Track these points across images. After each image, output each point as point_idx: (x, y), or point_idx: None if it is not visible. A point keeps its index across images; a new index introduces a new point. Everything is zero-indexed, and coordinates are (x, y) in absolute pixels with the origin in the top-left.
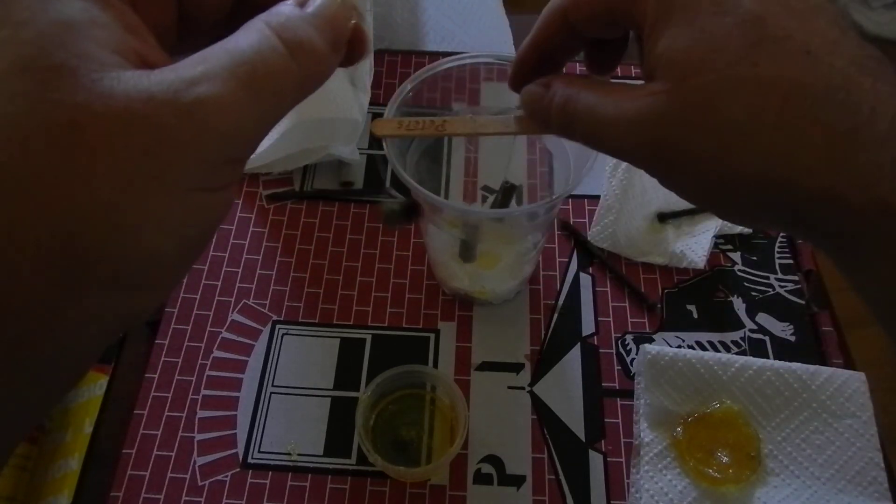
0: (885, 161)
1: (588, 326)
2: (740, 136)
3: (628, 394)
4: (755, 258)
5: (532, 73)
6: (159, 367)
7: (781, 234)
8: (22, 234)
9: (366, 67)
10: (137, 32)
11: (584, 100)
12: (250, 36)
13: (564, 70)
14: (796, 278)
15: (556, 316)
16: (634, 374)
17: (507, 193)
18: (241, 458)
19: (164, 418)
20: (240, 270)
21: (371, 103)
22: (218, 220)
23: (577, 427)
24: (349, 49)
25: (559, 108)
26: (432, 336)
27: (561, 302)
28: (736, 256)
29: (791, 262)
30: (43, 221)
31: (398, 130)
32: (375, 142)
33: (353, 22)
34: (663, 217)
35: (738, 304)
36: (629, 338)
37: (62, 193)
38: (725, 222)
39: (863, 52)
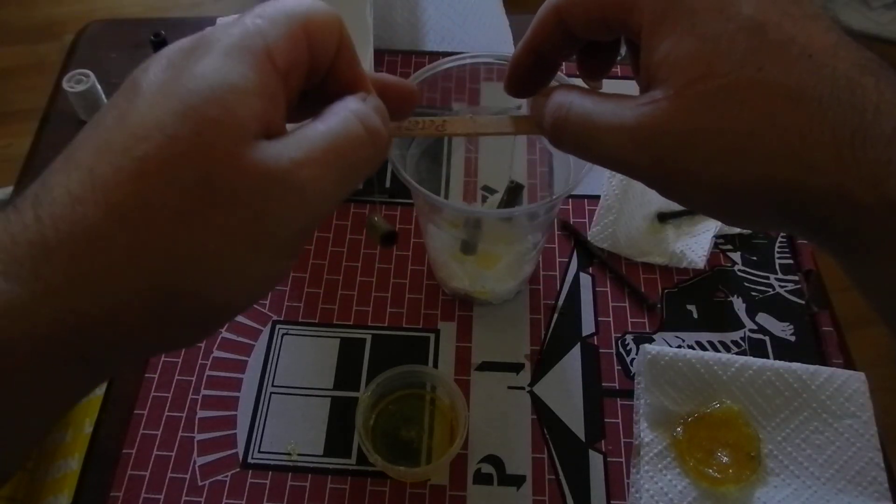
0: (893, 159)
1: (588, 326)
2: (749, 140)
3: (628, 394)
4: (755, 258)
5: (527, 75)
6: (159, 367)
7: (781, 235)
8: (142, 264)
9: (366, 68)
10: (275, 100)
11: (578, 106)
12: (339, 121)
13: (562, 70)
14: (796, 278)
15: (556, 316)
16: (634, 374)
17: (513, 193)
18: (241, 458)
19: (164, 418)
20: None
21: None
22: (280, 281)
23: (577, 427)
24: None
25: (550, 114)
26: (432, 336)
27: (561, 302)
28: (736, 256)
29: (791, 262)
30: (162, 257)
31: (398, 131)
32: None
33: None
34: (663, 217)
35: (738, 304)
36: (629, 338)
37: (182, 236)
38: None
39: (863, 55)
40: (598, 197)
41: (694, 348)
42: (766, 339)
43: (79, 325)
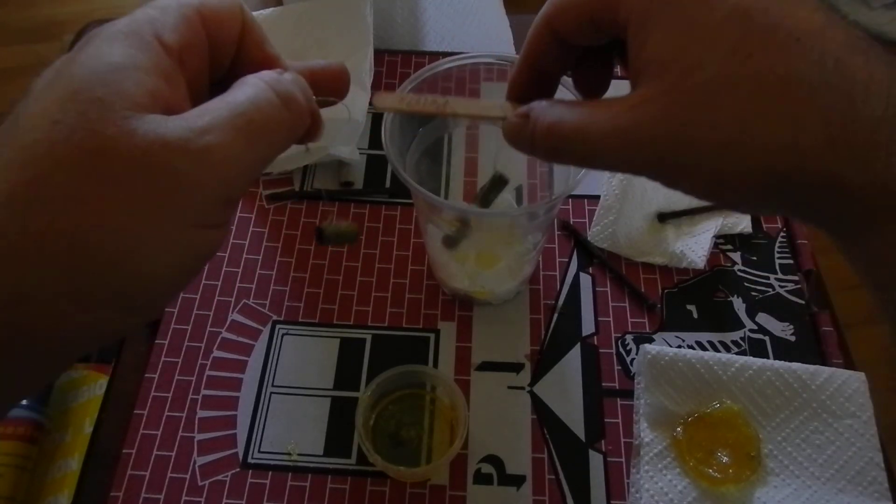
0: (883, 141)
1: (588, 326)
2: (742, 133)
3: (628, 394)
4: (755, 258)
5: (527, 91)
6: (159, 367)
7: (781, 235)
8: (44, 246)
9: (366, 67)
10: (171, 80)
11: (569, 122)
12: (247, 90)
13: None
14: (796, 278)
15: (556, 316)
16: (634, 374)
17: (495, 184)
18: (241, 458)
19: (164, 418)
20: (240, 270)
21: (371, 103)
22: (211, 253)
23: (577, 427)
24: (310, 124)
25: (544, 136)
26: (432, 336)
27: (561, 302)
28: (736, 256)
29: (791, 262)
30: (63, 236)
31: (399, 104)
32: (375, 142)
33: (313, 100)
34: (663, 217)
35: (738, 304)
36: (629, 338)
37: (83, 211)
38: (726, 222)
39: (851, 34)
40: (598, 197)
41: (694, 348)
42: (766, 339)
43: None
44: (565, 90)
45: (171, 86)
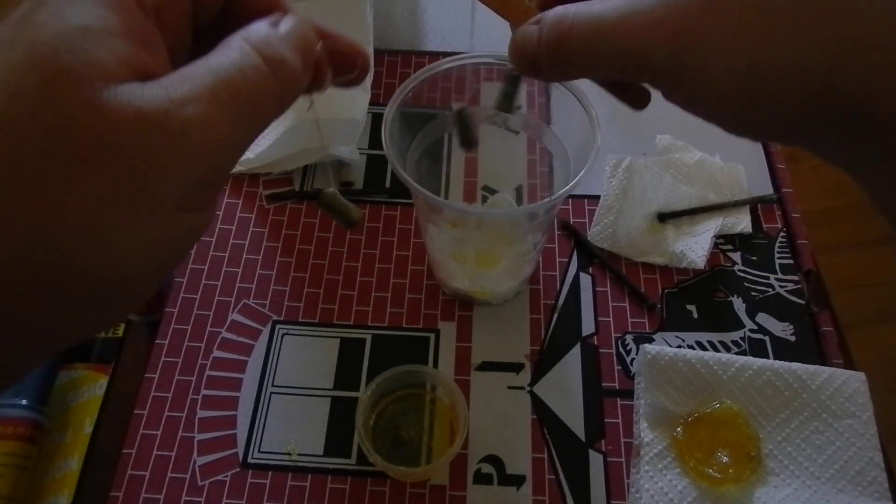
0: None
1: (588, 326)
2: (782, 8)
3: (628, 394)
4: (755, 258)
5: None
6: (159, 367)
7: (781, 235)
8: (2, 238)
9: None
10: (149, 43)
11: (583, 11)
12: (231, 53)
13: None
14: (796, 278)
15: (556, 316)
16: (634, 374)
17: (512, 83)
18: (241, 458)
19: (164, 418)
20: (240, 270)
21: (371, 103)
22: (194, 238)
23: (577, 427)
24: (314, 74)
25: (551, 27)
26: (432, 336)
27: (561, 302)
28: (736, 256)
29: (791, 262)
30: (23, 227)
31: None
32: (375, 142)
33: (319, 46)
34: (663, 217)
35: (738, 304)
36: (629, 338)
37: (46, 201)
38: (726, 222)
39: None
40: (598, 197)
41: (694, 348)
42: (766, 339)
43: None
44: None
45: (148, 50)
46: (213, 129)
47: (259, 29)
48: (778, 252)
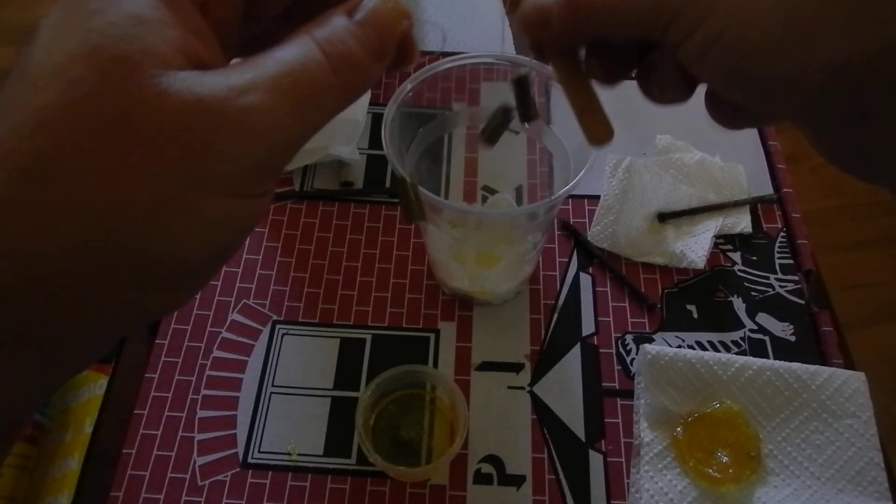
0: None
1: (588, 326)
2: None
3: (628, 394)
4: (755, 258)
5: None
6: (159, 367)
7: (781, 235)
8: (62, 221)
9: None
10: (201, 34)
11: None
12: (296, 48)
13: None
14: (796, 278)
15: (556, 316)
16: (634, 374)
17: (522, 86)
18: (241, 458)
19: (164, 418)
20: (240, 270)
21: (371, 103)
22: (251, 227)
23: (577, 427)
24: (398, 53)
25: None
26: (432, 336)
27: (561, 302)
28: (736, 256)
29: (791, 262)
30: (84, 211)
31: None
32: (375, 142)
33: (403, 26)
34: (663, 217)
35: (738, 304)
36: (629, 338)
37: (106, 185)
38: (726, 222)
39: None
40: (598, 197)
41: (694, 348)
42: (766, 339)
43: None
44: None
45: (199, 39)
46: (271, 118)
47: (328, 22)
48: (778, 252)
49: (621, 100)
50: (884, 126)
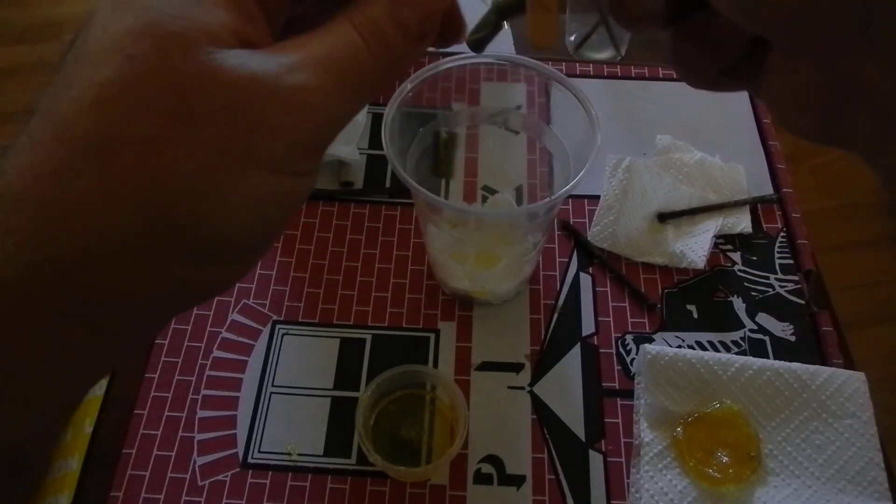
0: None
1: (588, 326)
2: None
3: (628, 394)
4: (755, 258)
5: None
6: (159, 367)
7: (781, 235)
8: (120, 196)
9: None
10: (251, 15)
11: None
12: (336, 29)
13: None
14: (796, 278)
15: (556, 316)
16: (634, 374)
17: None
18: (241, 457)
19: (164, 418)
20: None
21: (371, 103)
22: (298, 203)
23: (577, 427)
24: (444, 29)
25: None
26: (432, 336)
27: (561, 302)
28: (736, 256)
29: (791, 262)
30: (141, 185)
31: None
32: (375, 142)
33: (445, 3)
34: (663, 217)
35: (738, 304)
36: (629, 338)
37: (163, 160)
38: (726, 222)
39: None
40: (598, 197)
41: (694, 348)
42: (766, 339)
43: (57, 273)
44: None
45: (246, 19)
46: (318, 96)
47: (366, 3)
48: (778, 252)
49: (621, 100)
50: (884, 51)
